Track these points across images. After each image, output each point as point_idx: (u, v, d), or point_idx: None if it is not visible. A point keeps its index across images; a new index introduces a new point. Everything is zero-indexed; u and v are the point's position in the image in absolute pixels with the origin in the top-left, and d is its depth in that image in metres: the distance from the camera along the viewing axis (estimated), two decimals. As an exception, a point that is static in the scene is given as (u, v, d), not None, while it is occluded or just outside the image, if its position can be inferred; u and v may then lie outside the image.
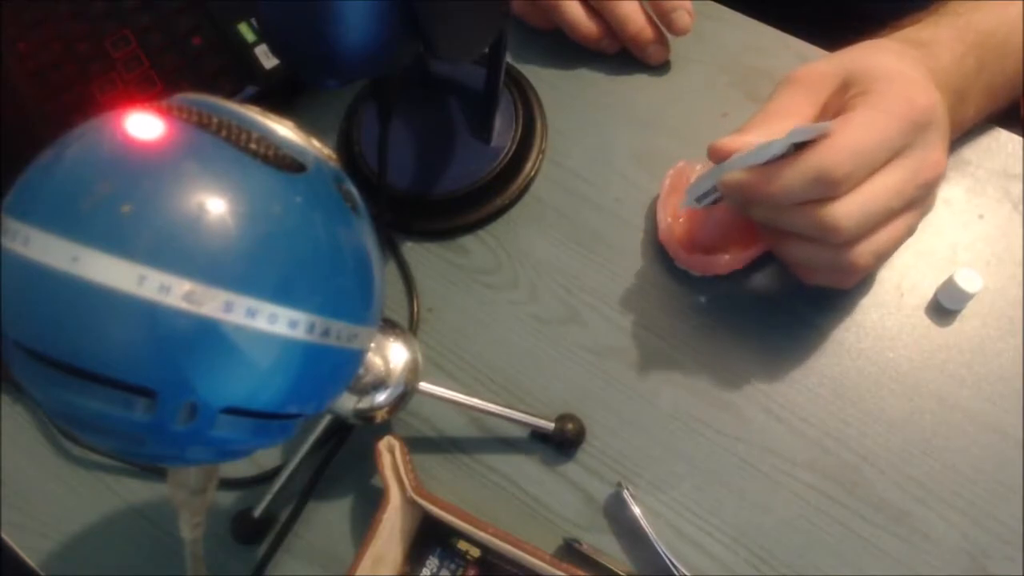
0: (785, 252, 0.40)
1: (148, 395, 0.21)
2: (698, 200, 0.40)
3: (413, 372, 0.38)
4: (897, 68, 0.37)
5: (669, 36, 0.50)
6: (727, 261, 0.43)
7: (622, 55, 0.51)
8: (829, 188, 0.35)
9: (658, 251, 0.46)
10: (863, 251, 0.37)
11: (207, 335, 0.21)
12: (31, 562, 0.44)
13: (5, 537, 0.44)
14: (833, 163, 0.34)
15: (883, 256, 0.38)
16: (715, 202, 0.40)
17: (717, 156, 0.39)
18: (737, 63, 0.50)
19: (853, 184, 0.35)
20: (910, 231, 0.38)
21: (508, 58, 0.49)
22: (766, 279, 0.44)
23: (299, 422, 0.25)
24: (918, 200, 0.37)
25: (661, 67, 0.51)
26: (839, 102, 0.38)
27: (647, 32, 0.49)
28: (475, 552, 0.40)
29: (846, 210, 0.35)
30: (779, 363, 0.43)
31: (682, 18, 0.48)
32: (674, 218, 0.45)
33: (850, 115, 0.36)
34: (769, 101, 0.40)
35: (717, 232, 0.43)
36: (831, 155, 0.34)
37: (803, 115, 0.39)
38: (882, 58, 0.38)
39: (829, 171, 0.34)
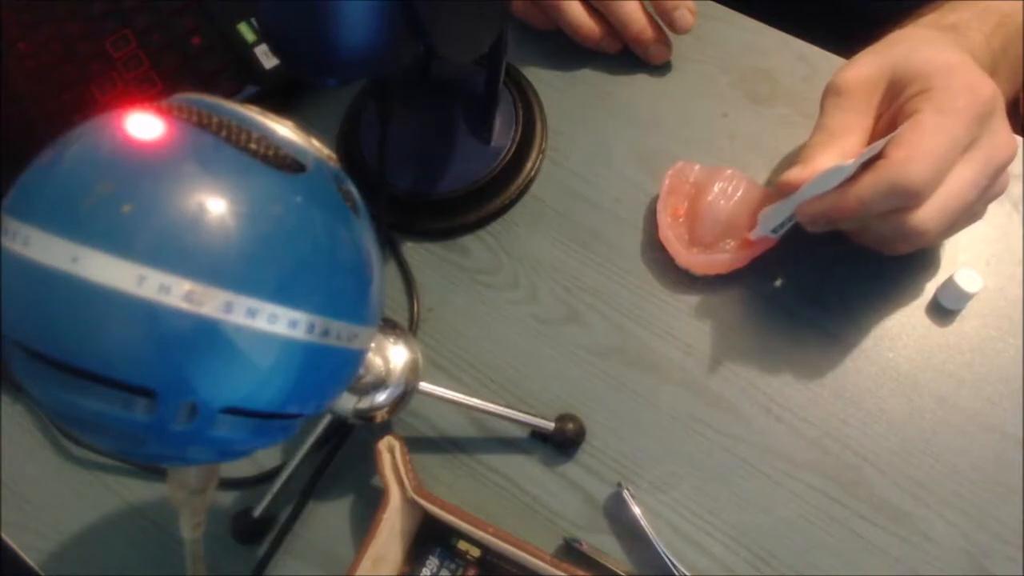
0: (864, 239, 0.41)
1: (148, 395, 0.21)
2: (774, 231, 0.41)
3: (413, 372, 0.38)
4: (949, 60, 0.37)
5: (671, 35, 0.50)
6: (727, 260, 0.43)
7: (622, 55, 0.51)
8: (910, 198, 0.35)
9: (658, 251, 0.46)
10: (941, 234, 0.38)
11: (207, 335, 0.21)
12: (31, 562, 0.44)
13: (5, 537, 0.44)
14: (911, 175, 0.34)
15: (954, 232, 0.40)
16: (789, 229, 0.41)
17: (787, 189, 0.39)
18: (737, 63, 0.50)
19: (932, 189, 0.35)
20: (981, 215, 0.40)
21: (508, 58, 0.49)
22: (766, 279, 0.44)
23: (299, 422, 0.25)
24: (991, 185, 0.38)
25: (661, 67, 0.51)
26: (893, 103, 0.38)
27: (649, 32, 0.49)
28: (475, 552, 0.40)
29: (929, 214, 0.36)
30: (779, 363, 0.43)
31: (684, 17, 0.48)
32: (674, 218, 0.45)
33: (917, 120, 0.36)
34: (822, 117, 0.40)
35: (717, 231, 0.43)
36: (908, 166, 0.35)
37: (861, 128, 0.39)
38: (928, 51, 0.38)
39: (909, 183, 0.35)
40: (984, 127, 0.36)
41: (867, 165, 0.36)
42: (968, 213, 0.38)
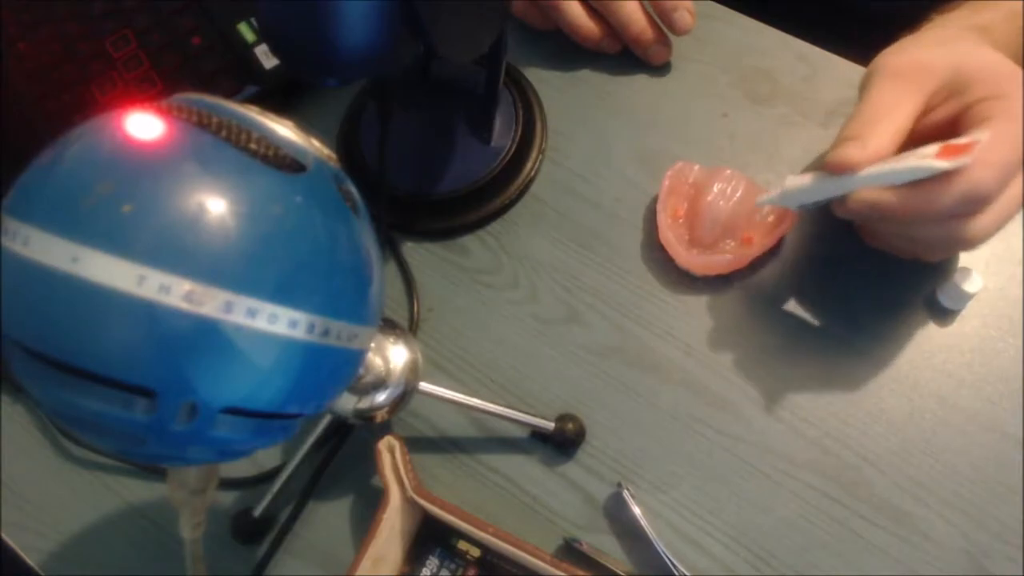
0: (884, 241, 0.40)
1: (148, 395, 0.21)
2: (801, 206, 0.40)
3: (413, 372, 0.38)
4: (1015, 69, 0.36)
5: (670, 36, 0.50)
6: (727, 261, 0.43)
7: (622, 56, 0.51)
8: (978, 205, 0.35)
9: (658, 251, 0.46)
10: (981, 241, 0.37)
11: (207, 335, 0.21)
12: (31, 562, 0.44)
13: (5, 537, 0.44)
14: (986, 182, 0.34)
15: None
16: (817, 207, 0.39)
17: (842, 169, 0.36)
18: (737, 63, 0.50)
19: (996, 198, 0.35)
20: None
21: (508, 58, 0.49)
22: (766, 279, 0.44)
23: (299, 422, 0.25)
24: None
25: (661, 67, 0.51)
26: (952, 99, 0.37)
27: (649, 32, 0.49)
28: (475, 552, 0.40)
29: (984, 224, 0.36)
30: (779, 363, 0.43)
31: (683, 18, 0.48)
32: (674, 218, 0.45)
33: (997, 130, 0.35)
34: (869, 92, 0.38)
35: (717, 232, 0.43)
36: (984, 174, 0.34)
37: (911, 109, 0.37)
38: (992, 56, 0.37)
39: (983, 190, 0.34)
40: None
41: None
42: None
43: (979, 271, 0.41)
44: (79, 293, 0.20)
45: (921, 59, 0.38)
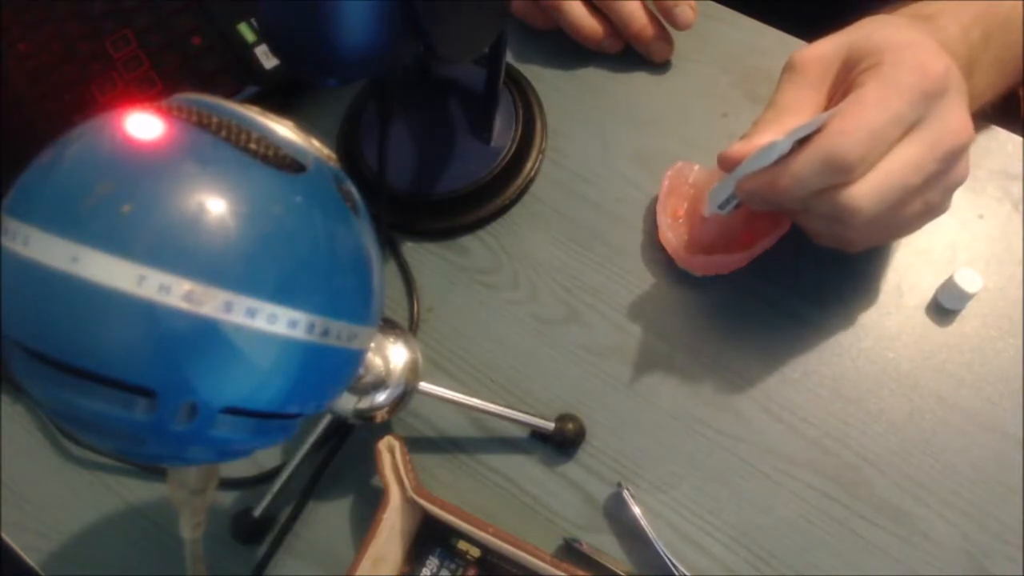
0: (807, 226, 0.40)
1: (148, 395, 0.21)
2: (721, 207, 0.40)
3: (413, 372, 0.38)
4: (904, 38, 0.36)
5: (672, 32, 0.50)
6: (727, 261, 0.43)
7: (623, 55, 0.51)
8: (843, 173, 0.34)
9: (658, 251, 0.46)
10: (879, 217, 0.35)
11: (207, 335, 0.21)
12: (31, 562, 0.44)
13: (5, 537, 0.44)
14: (843, 147, 0.33)
15: (908, 230, 0.39)
16: (737, 206, 0.40)
17: (727, 164, 0.38)
18: (737, 63, 0.50)
19: (868, 166, 0.34)
20: (939, 206, 0.37)
21: (508, 58, 0.49)
22: (766, 279, 0.44)
23: (299, 422, 0.25)
24: (942, 172, 0.36)
25: (661, 67, 0.51)
26: (845, 82, 0.37)
27: (650, 29, 0.49)
28: (475, 552, 0.40)
29: (863, 191, 0.34)
30: (779, 363, 0.43)
31: (685, 12, 0.48)
32: (674, 218, 0.45)
33: (858, 93, 0.34)
34: (775, 93, 0.39)
35: (717, 232, 0.43)
36: (840, 140, 0.33)
37: (811, 105, 0.38)
38: (887, 31, 0.37)
39: (841, 156, 0.33)
40: (932, 106, 0.34)
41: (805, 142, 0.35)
42: (919, 200, 0.36)
43: (979, 271, 0.41)
44: (79, 293, 0.20)
45: (817, 52, 0.38)
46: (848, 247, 0.40)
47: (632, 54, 0.51)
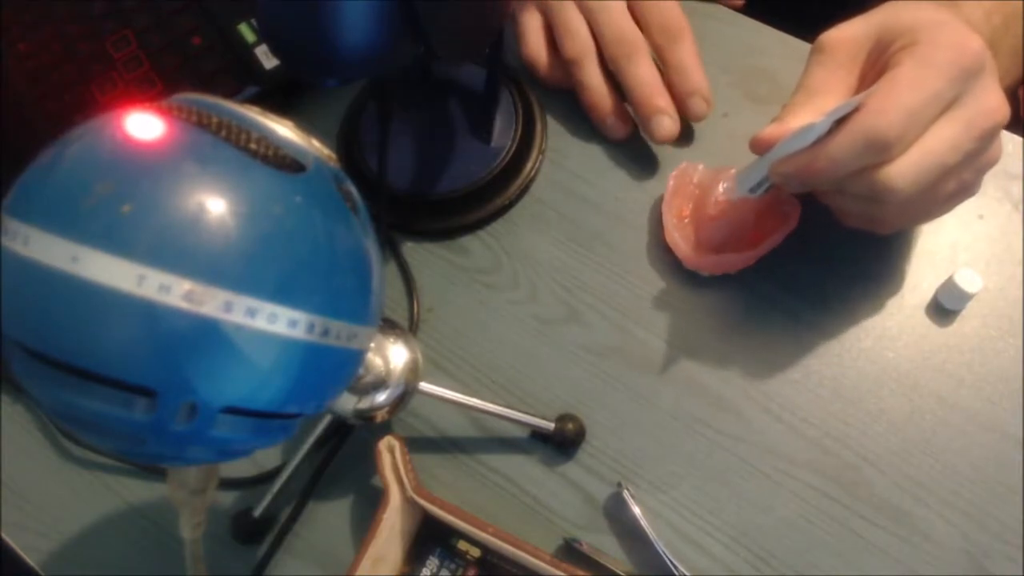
0: (839, 206, 0.40)
1: (148, 395, 0.21)
2: (752, 190, 0.40)
3: (413, 372, 0.38)
4: (937, 17, 0.36)
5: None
6: (735, 260, 0.43)
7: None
8: (881, 152, 0.34)
9: (658, 251, 0.46)
10: (917, 197, 0.35)
11: (207, 335, 0.21)
12: (31, 562, 0.44)
13: (5, 537, 0.44)
14: (883, 126, 0.33)
15: (940, 211, 0.38)
16: (768, 189, 0.40)
17: (760, 147, 0.38)
18: (737, 63, 0.50)
19: (906, 145, 0.34)
20: (972, 187, 0.37)
21: (508, 58, 0.49)
22: (766, 279, 0.44)
23: (299, 422, 0.25)
24: (978, 152, 0.35)
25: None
26: (879, 63, 0.37)
27: (660, 101, 0.46)
28: (475, 552, 0.40)
29: (900, 170, 0.34)
30: (779, 363, 0.43)
31: (699, 105, 0.46)
32: (679, 219, 0.45)
33: (895, 72, 0.34)
34: (804, 76, 0.38)
35: (725, 231, 0.43)
36: (880, 118, 0.33)
37: (843, 86, 0.37)
38: (918, 12, 0.36)
39: (880, 135, 0.33)
40: (969, 85, 0.34)
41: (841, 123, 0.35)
42: (954, 180, 0.36)
43: (979, 271, 0.41)
44: (79, 293, 0.20)
45: (847, 33, 0.37)
46: (879, 227, 0.40)
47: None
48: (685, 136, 0.49)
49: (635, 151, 0.49)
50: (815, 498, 0.40)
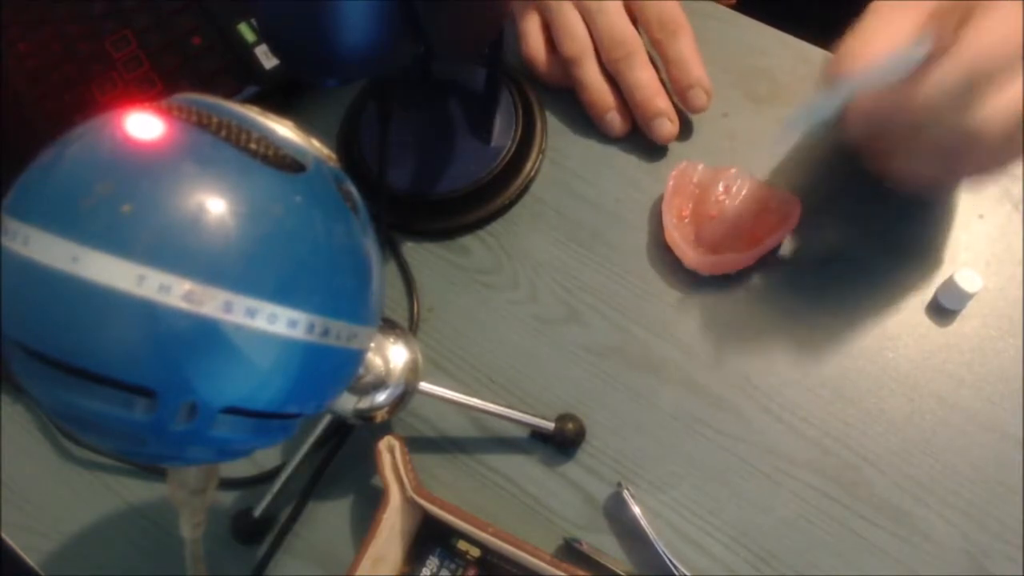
0: (902, 159, 0.36)
1: (148, 395, 0.21)
2: (814, 127, 0.35)
3: (413, 372, 0.38)
4: None
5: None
6: (736, 260, 0.43)
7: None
8: (986, 82, 0.30)
9: (658, 251, 0.46)
10: (1003, 146, 0.32)
11: (207, 335, 0.21)
12: (31, 562, 0.44)
13: (5, 537, 0.44)
14: (991, 49, 0.30)
15: (1017, 158, 0.34)
16: (826, 131, 0.35)
17: (833, 76, 0.34)
18: (737, 63, 0.50)
19: (1009, 76, 0.31)
20: None
21: (508, 58, 0.49)
22: (765, 278, 0.44)
23: (299, 422, 0.25)
24: None
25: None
26: (951, 14, 0.33)
27: (659, 102, 0.47)
28: (475, 552, 0.40)
29: (997, 108, 0.31)
30: (779, 363, 0.43)
31: (699, 96, 0.46)
32: (679, 218, 0.45)
33: (994, 5, 0.30)
34: (866, 17, 0.35)
35: (725, 230, 0.43)
36: (986, 41, 0.30)
37: (906, 27, 0.33)
38: None
39: (982, 59, 0.30)
40: None
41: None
42: None
43: (979, 271, 0.41)
44: (79, 293, 0.20)
45: None
46: (944, 179, 0.36)
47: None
48: (685, 136, 0.49)
49: (635, 151, 0.49)
50: (815, 498, 0.40)
